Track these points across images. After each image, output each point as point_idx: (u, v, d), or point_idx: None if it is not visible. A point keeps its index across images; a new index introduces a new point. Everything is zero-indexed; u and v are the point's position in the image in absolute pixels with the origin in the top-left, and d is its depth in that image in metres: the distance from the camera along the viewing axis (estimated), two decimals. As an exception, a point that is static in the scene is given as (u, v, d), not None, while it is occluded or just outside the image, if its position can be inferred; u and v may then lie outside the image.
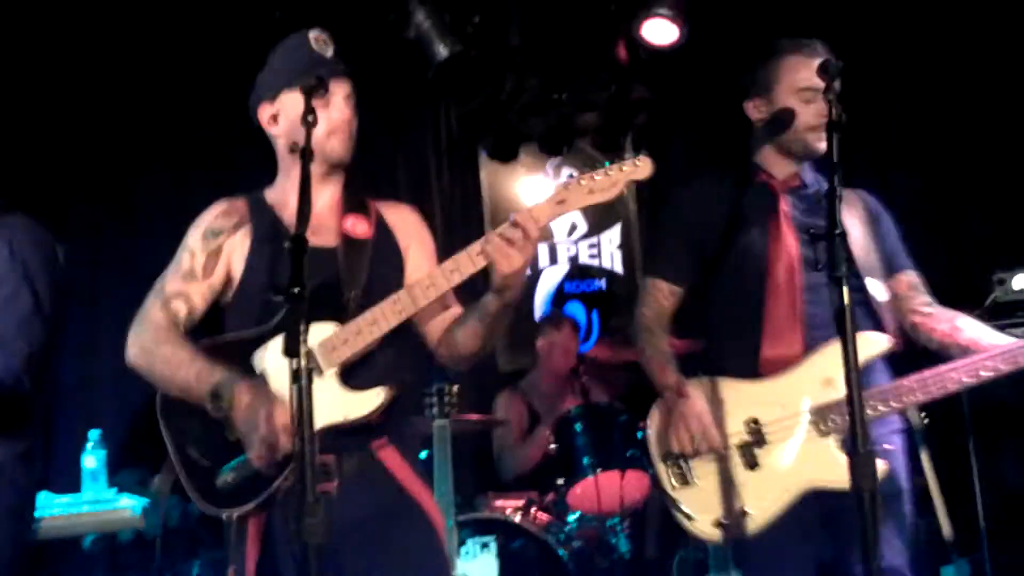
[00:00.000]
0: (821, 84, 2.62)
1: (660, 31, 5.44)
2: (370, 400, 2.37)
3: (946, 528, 3.98)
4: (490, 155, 6.35)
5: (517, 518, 4.43)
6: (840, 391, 2.43)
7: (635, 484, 4.57)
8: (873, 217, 2.91)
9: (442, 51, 5.37)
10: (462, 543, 4.20)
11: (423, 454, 3.95)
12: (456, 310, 2.59)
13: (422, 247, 2.68)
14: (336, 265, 2.48)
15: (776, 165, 2.90)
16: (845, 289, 2.02)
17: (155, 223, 5.29)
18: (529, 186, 6.52)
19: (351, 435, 2.39)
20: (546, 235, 6.51)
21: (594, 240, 6.58)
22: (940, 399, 2.64)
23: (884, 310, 2.78)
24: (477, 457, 5.46)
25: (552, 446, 4.77)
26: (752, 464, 2.71)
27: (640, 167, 2.34)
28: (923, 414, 3.65)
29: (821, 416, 2.67)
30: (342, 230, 2.55)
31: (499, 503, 4.70)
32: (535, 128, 6.21)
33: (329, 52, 2.55)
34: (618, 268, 6.57)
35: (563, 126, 6.24)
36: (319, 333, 2.35)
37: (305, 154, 2.20)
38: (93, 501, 3.85)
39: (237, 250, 2.55)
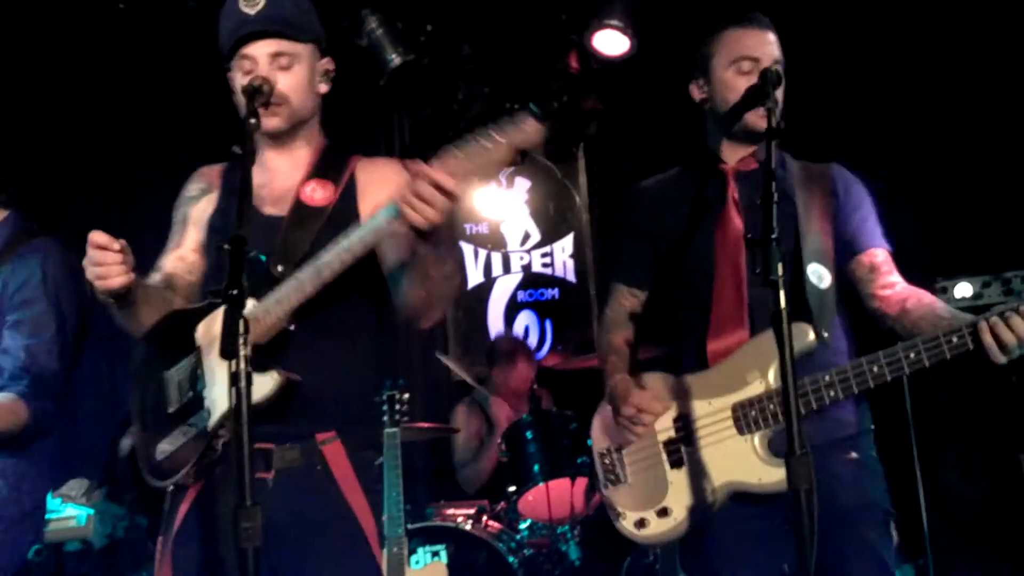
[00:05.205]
0: (756, 53, 2.62)
1: (611, 42, 5.51)
2: (263, 384, 2.13)
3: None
4: (443, 164, 6.35)
5: (468, 526, 4.42)
6: (760, 387, 2.49)
7: (586, 491, 4.59)
8: (838, 193, 2.70)
9: (394, 59, 5.39)
10: (412, 552, 4.19)
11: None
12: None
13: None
14: (277, 237, 2.35)
15: (727, 149, 2.72)
16: (782, 293, 2.02)
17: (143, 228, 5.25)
18: (481, 194, 6.54)
19: (293, 423, 2.27)
20: (499, 243, 6.54)
21: (547, 249, 6.60)
22: (864, 391, 2.44)
23: (824, 297, 2.57)
24: (428, 465, 5.45)
25: (503, 457, 4.77)
26: (677, 462, 2.60)
27: (527, 131, 1.99)
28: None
29: (743, 412, 2.52)
30: (298, 197, 2.42)
31: (450, 511, 4.70)
32: (487, 137, 6.22)
33: (256, 8, 2.34)
34: (571, 277, 6.60)
35: (515, 135, 6.26)
36: None
37: (244, 157, 2.10)
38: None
39: (203, 213, 2.51)
